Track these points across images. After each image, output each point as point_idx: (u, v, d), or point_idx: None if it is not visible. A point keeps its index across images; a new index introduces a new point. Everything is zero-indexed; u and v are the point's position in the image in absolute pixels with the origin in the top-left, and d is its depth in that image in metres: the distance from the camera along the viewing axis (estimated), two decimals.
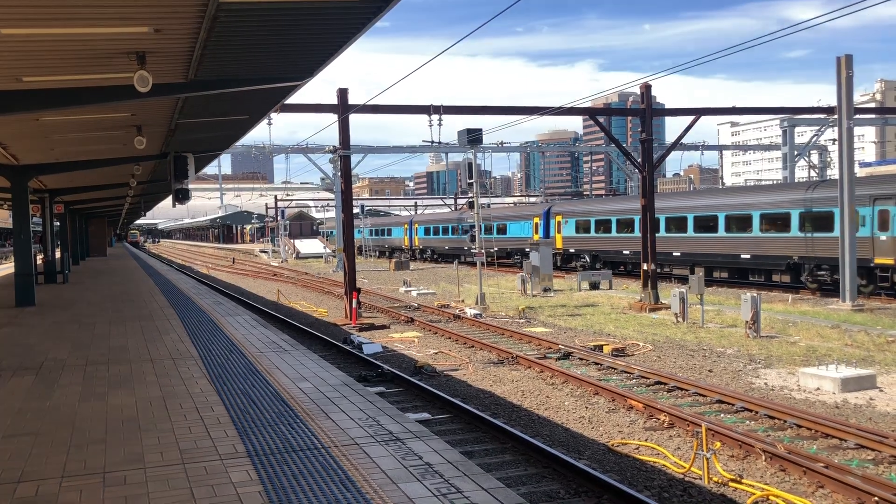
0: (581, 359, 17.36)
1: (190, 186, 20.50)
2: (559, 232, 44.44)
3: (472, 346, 19.72)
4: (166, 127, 16.36)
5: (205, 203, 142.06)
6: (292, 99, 16.44)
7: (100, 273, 36.78)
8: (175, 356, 11.81)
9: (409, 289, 36.27)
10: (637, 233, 34.51)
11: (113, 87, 11.05)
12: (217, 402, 8.54)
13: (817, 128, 49.25)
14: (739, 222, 31.55)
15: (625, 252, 38.16)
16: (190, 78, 10.96)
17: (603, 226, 40.18)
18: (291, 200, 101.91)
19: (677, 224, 34.98)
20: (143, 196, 44.69)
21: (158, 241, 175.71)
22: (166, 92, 11.36)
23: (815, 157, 56.06)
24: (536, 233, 46.59)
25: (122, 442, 7.04)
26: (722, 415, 12.49)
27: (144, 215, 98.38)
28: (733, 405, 12.84)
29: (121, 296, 23.30)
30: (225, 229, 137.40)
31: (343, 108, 25.93)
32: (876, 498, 8.28)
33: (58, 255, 35.31)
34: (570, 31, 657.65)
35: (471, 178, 28.96)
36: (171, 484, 5.81)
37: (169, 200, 32.43)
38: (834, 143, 35.81)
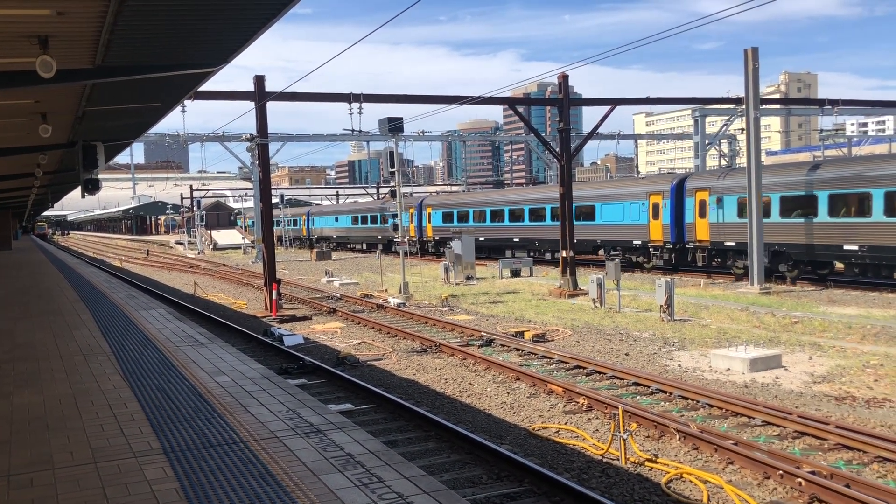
0: (503, 345, 17.57)
1: (100, 176, 19.79)
2: (703, 216, 30.76)
3: (396, 336, 19.71)
4: (73, 114, 15.69)
5: (117, 194, 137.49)
6: (207, 86, 16.01)
7: (3, 267, 35.10)
8: (86, 352, 11.39)
9: (331, 279, 35.95)
10: (882, 216, 24.20)
11: (14, 73, 10.50)
12: (131, 399, 8.28)
13: (727, 117, 51.04)
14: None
15: (848, 247, 25.25)
16: (97, 63, 10.53)
17: (800, 206, 26.98)
18: (208, 190, 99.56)
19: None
20: (50, 187, 42.82)
21: (68, 234, 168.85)
22: (72, 78, 10.88)
23: (724, 146, 58.14)
24: (656, 217, 32.75)
25: (29, 443, 6.75)
26: (638, 397, 12.86)
27: (52, 206, 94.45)
28: (649, 387, 13.23)
29: (27, 290, 22.30)
30: (139, 220, 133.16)
31: (260, 95, 25.42)
32: (780, 471, 8.68)
33: None
34: (493, 20, 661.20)
35: (393, 166, 28.88)
36: (81, 484, 5.61)
37: (78, 191, 31.17)
38: (742, 133, 37.17)
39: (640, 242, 33.83)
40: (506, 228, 43.18)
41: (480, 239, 43.56)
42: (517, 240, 41.96)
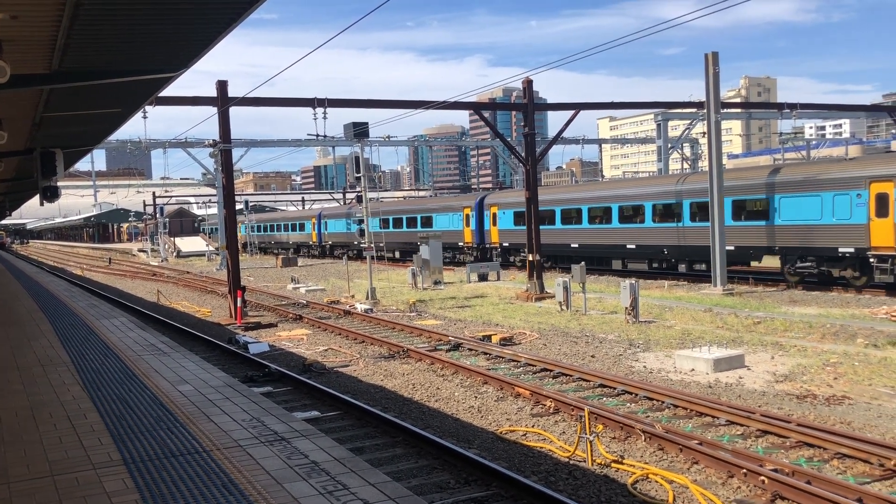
0: (470, 349, 17.57)
1: (60, 184, 19.37)
2: None
3: (363, 342, 19.61)
4: (30, 120, 15.37)
5: (78, 201, 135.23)
6: (169, 91, 15.86)
7: None
8: (45, 363, 11.15)
9: (297, 286, 35.70)
10: None
11: None
12: (90, 409, 8.12)
13: (689, 121, 51.78)
14: None
15: None
16: (54, 68, 10.33)
17: None
18: (171, 197, 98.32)
19: None
20: (7, 195, 41.93)
21: (27, 243, 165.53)
22: (27, 83, 10.65)
23: (687, 150, 58.94)
24: (883, 214, 23.18)
25: None
26: (604, 398, 12.93)
27: (10, 215, 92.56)
28: (615, 389, 13.32)
29: None
30: (100, 228, 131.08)
31: (223, 100, 25.16)
32: (744, 470, 8.78)
33: None
34: (460, 26, 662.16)
35: (358, 171, 28.76)
36: (37, 498, 5.48)
37: (37, 199, 30.49)
38: (704, 136, 37.65)
39: (850, 251, 24.15)
40: (613, 232, 33.38)
41: (573, 246, 35.33)
42: (632, 246, 32.43)
